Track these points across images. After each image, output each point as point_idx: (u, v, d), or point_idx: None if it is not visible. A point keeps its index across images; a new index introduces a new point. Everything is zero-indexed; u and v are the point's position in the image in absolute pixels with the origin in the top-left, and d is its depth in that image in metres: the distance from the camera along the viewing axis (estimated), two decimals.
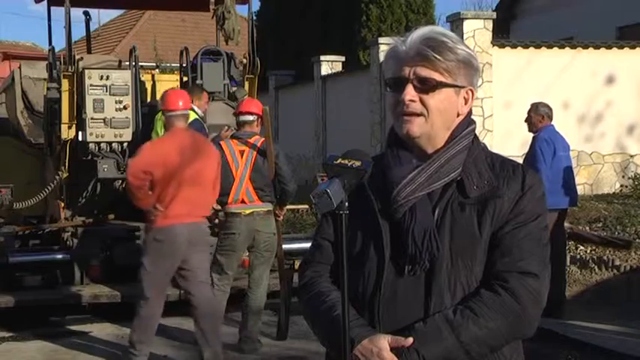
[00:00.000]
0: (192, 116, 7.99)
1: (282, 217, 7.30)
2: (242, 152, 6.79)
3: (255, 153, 6.79)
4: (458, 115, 2.18)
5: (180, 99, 6.41)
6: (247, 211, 6.74)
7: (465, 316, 2.06)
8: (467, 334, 2.05)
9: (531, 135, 7.81)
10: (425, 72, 2.11)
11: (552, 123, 7.76)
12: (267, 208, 6.83)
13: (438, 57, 2.10)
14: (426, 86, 2.11)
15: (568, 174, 7.70)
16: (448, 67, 2.12)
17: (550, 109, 7.79)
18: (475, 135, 2.23)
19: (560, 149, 7.62)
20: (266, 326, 7.18)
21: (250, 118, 6.86)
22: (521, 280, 2.09)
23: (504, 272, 2.09)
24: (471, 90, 2.18)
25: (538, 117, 7.71)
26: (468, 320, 2.05)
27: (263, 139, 6.86)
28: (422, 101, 2.12)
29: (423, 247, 2.09)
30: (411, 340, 2.05)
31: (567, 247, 8.91)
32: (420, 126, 2.13)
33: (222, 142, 6.85)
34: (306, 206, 11.80)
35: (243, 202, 6.75)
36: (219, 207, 6.99)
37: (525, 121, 7.84)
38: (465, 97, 2.18)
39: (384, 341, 2.06)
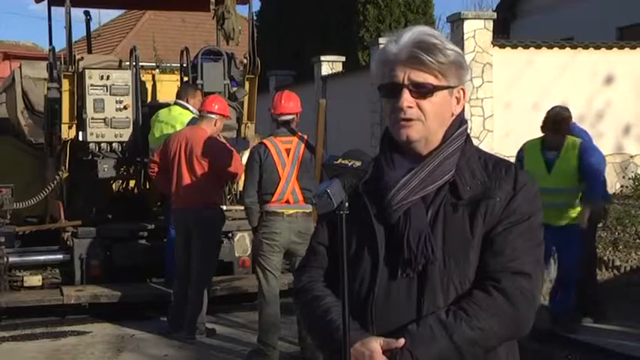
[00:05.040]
0: (189, 115, 7.99)
1: None
2: (288, 150, 6.54)
3: (301, 151, 6.55)
4: (452, 115, 2.19)
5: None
6: (289, 212, 6.45)
7: (457, 317, 2.06)
8: (459, 335, 2.04)
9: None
10: (420, 76, 2.11)
11: (573, 121, 7.51)
12: (310, 209, 6.50)
13: (431, 59, 2.10)
14: (423, 91, 2.12)
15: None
16: (441, 69, 2.12)
17: (562, 109, 7.38)
18: (467, 135, 2.23)
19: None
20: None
21: (291, 117, 6.67)
22: (513, 280, 2.08)
23: (497, 272, 2.09)
24: (462, 89, 2.19)
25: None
26: (460, 321, 2.05)
27: (306, 136, 6.66)
28: (418, 106, 2.12)
29: (418, 251, 2.10)
30: (402, 341, 2.05)
31: None
32: (418, 131, 2.14)
33: (266, 141, 6.59)
34: None
35: (287, 202, 6.46)
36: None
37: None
38: (457, 97, 2.19)
39: (376, 344, 2.07)
